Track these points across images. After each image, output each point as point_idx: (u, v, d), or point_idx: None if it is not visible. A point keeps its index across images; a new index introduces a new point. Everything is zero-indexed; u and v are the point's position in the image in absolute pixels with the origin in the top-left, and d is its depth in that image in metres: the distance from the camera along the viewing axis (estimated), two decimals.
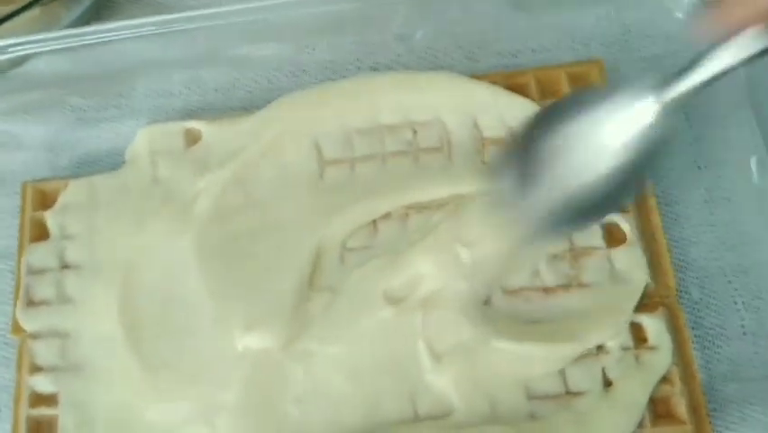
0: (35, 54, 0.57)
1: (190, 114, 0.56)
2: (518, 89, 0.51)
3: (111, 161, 0.55)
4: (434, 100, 0.50)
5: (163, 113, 0.57)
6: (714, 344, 0.47)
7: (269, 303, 0.46)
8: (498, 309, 0.45)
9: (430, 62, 0.56)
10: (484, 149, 0.50)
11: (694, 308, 0.48)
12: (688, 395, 0.44)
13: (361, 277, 0.47)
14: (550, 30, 0.55)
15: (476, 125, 0.50)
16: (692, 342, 0.45)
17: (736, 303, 0.47)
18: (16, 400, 0.48)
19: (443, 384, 0.44)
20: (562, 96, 0.50)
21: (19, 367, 0.49)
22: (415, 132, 0.50)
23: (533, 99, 0.51)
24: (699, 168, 0.51)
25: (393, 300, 0.46)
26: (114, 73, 0.58)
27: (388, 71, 0.55)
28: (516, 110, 0.49)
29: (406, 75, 0.52)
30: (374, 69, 0.56)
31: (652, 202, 0.48)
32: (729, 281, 0.48)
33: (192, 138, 0.54)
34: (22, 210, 0.53)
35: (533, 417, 0.43)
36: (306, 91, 0.53)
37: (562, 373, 0.44)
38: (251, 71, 0.57)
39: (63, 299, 0.49)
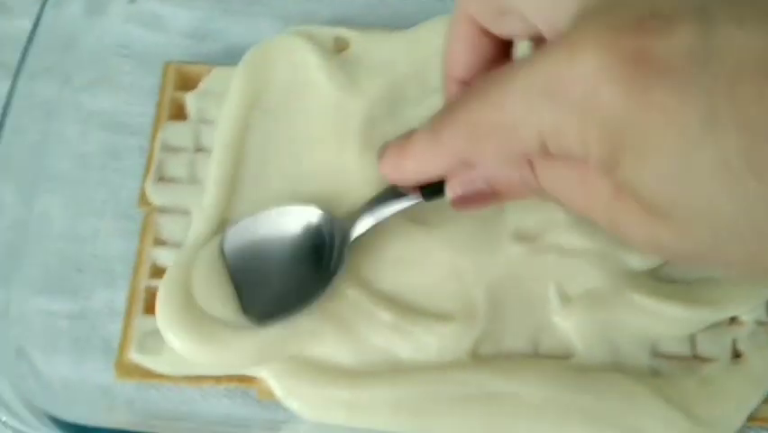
0: None
1: (334, 24, 0.56)
2: None
3: None
4: None
5: (308, 18, 0.56)
6: None
7: None
8: (637, 262, 0.44)
9: None
10: None
11: None
12: None
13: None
14: None
15: None
16: None
17: None
18: (136, 271, 0.48)
19: (569, 327, 0.44)
20: None
21: (142, 239, 0.49)
22: None
23: None
24: None
25: (523, 238, 0.46)
26: None
27: None
28: None
29: None
30: None
31: None
32: None
33: (339, 47, 0.54)
34: (162, 88, 0.53)
35: (655, 373, 0.43)
36: None
37: (691, 336, 0.44)
38: None
39: (194, 179, 0.50)
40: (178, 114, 0.52)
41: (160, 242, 0.49)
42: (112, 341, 0.47)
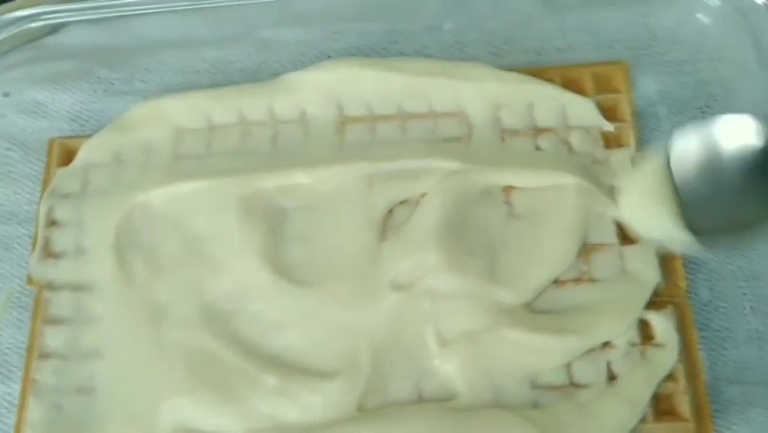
0: (66, 23, 0.58)
1: None
2: None
3: None
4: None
5: (188, 90, 0.57)
6: (721, 346, 0.47)
7: None
8: (509, 298, 0.46)
9: (455, 55, 0.56)
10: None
11: (703, 310, 0.48)
12: (692, 394, 0.44)
13: (371, 258, 0.47)
14: (576, 30, 0.56)
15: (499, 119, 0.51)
16: (699, 343, 0.46)
17: (744, 307, 0.48)
18: (28, 354, 0.48)
19: (449, 369, 0.45)
20: None
21: (34, 319, 0.49)
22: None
23: None
24: None
25: (400, 286, 0.47)
26: (143, 47, 0.59)
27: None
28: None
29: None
30: None
31: None
32: (739, 286, 0.48)
33: None
34: (48, 166, 0.54)
35: (536, 405, 0.44)
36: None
37: (567, 364, 0.45)
38: (277, 54, 0.58)
39: (80, 251, 0.50)
40: None
41: (49, 319, 0.49)
42: None
